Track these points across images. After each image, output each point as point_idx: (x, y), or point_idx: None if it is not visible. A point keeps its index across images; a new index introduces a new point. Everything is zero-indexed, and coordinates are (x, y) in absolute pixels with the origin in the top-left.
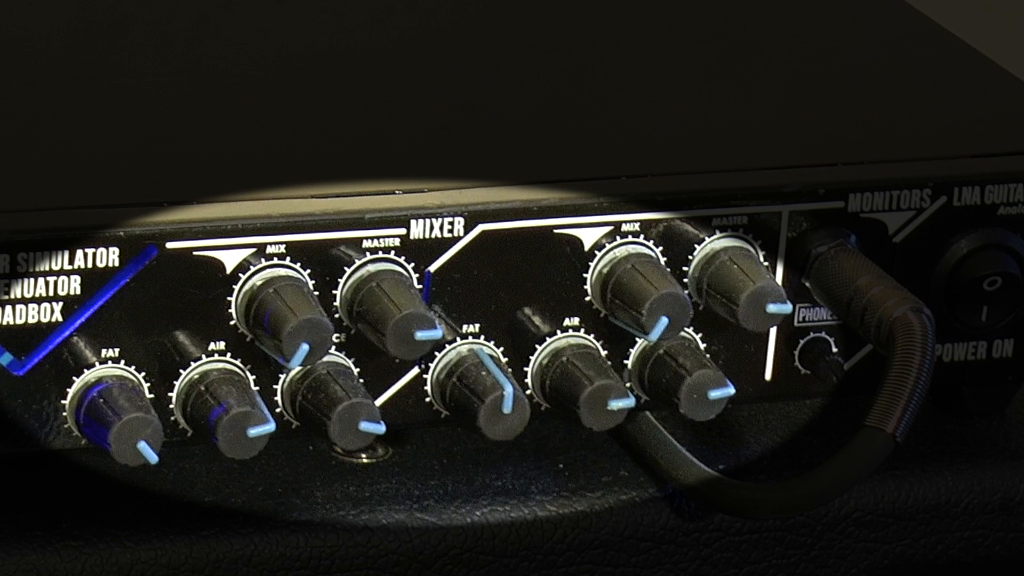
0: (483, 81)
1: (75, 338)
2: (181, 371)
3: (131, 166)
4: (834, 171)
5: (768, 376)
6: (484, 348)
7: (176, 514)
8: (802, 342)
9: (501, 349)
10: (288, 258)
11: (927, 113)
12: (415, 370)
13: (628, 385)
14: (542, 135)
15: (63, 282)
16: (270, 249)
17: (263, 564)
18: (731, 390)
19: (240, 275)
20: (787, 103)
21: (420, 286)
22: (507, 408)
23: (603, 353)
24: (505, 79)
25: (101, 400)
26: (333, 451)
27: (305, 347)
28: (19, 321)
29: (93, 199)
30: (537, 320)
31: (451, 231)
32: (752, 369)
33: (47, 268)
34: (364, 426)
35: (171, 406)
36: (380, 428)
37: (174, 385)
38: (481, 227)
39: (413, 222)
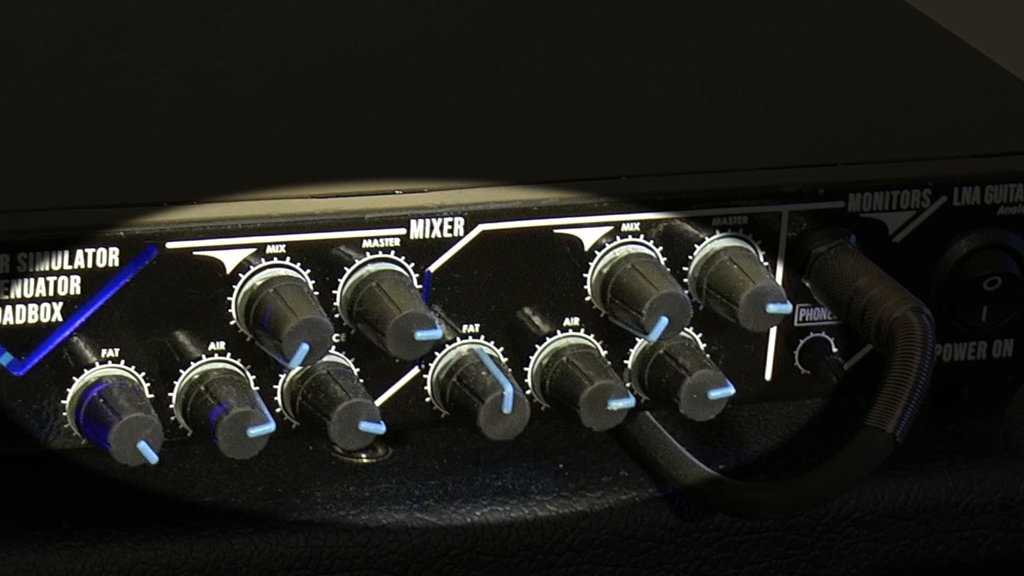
0: (483, 81)
1: (75, 338)
2: (181, 371)
3: (131, 166)
4: (834, 171)
5: (768, 376)
6: (484, 348)
7: (176, 514)
8: (802, 342)
9: (501, 349)
10: (288, 258)
11: (927, 113)
12: (415, 370)
13: (628, 385)
14: (542, 135)
15: (63, 282)
16: (270, 249)
17: (263, 564)
18: (731, 390)
19: (240, 275)
20: (787, 103)
21: (420, 286)
22: (507, 408)
23: (603, 353)
24: (505, 79)
25: (101, 400)
26: (333, 451)
27: (305, 347)
28: (19, 321)
29: (93, 199)
30: (537, 320)
31: (451, 231)
32: (752, 369)
33: (47, 268)
34: (364, 426)
35: (171, 406)
36: (380, 428)
37: (174, 385)
38: (481, 227)
39: (413, 222)
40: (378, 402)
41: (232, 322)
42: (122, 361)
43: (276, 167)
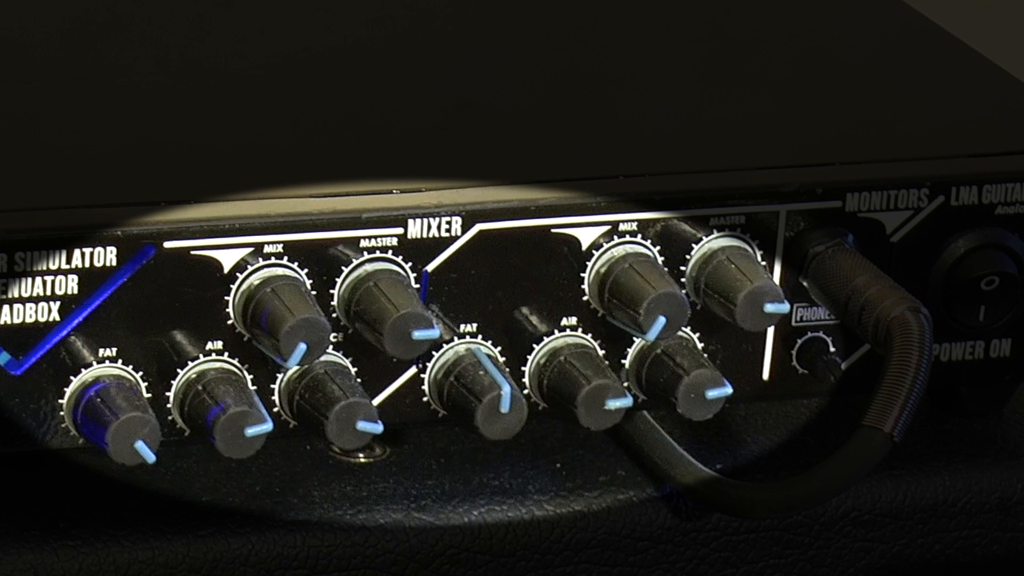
0: (481, 80)
1: (72, 337)
2: (179, 370)
3: (129, 166)
4: (832, 171)
5: (766, 376)
6: (481, 347)
7: (173, 514)
8: (800, 342)
9: (499, 348)
10: (285, 258)
11: (925, 113)
12: (412, 369)
13: (626, 385)
14: (540, 134)
15: (60, 281)
16: (268, 249)
17: (260, 563)
18: (728, 390)
19: (238, 275)
20: (785, 103)
21: (417, 286)
22: (504, 407)
23: (601, 353)
24: (503, 79)
25: (98, 399)
26: (330, 450)
27: (302, 347)
28: (16, 320)
29: (91, 198)
30: (535, 320)
31: (448, 231)
32: (750, 369)
33: (45, 267)
34: (361, 425)
35: (168, 405)
36: (377, 427)
37: (172, 385)
38: (478, 226)
39: (410, 221)
40: (375, 401)
41: (229, 321)
42: (119, 360)
43: (274, 167)
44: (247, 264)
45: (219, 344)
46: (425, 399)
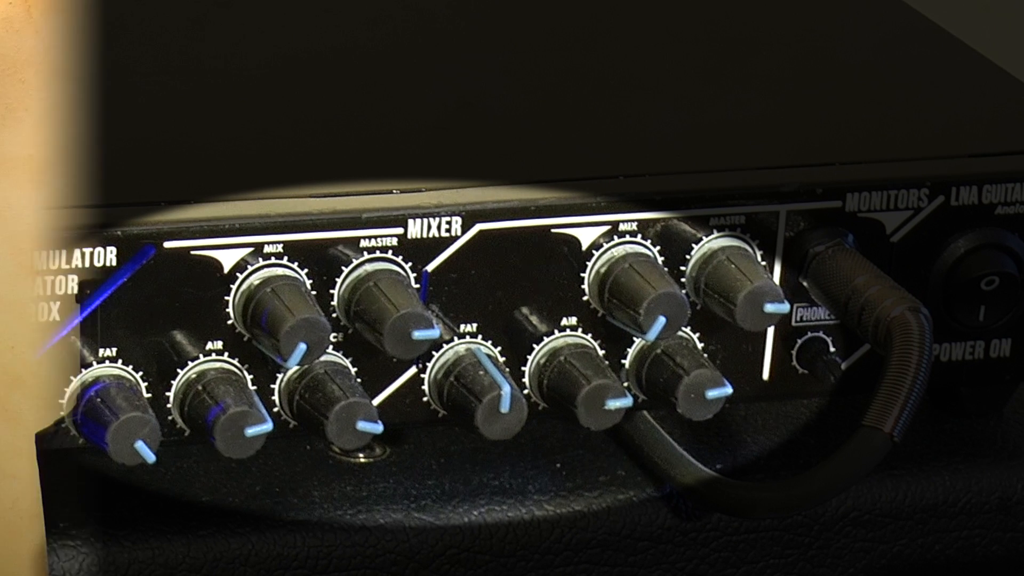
0: (481, 80)
1: (72, 338)
2: (179, 370)
3: (129, 166)
4: (832, 171)
5: (766, 376)
6: (482, 347)
7: (173, 514)
8: (800, 342)
9: (499, 348)
10: (285, 258)
11: (925, 113)
12: (412, 369)
13: (626, 385)
14: (539, 134)
15: (60, 281)
16: (268, 249)
17: (260, 563)
18: (728, 390)
19: (238, 275)
20: (784, 103)
21: (417, 286)
22: (504, 407)
23: (601, 353)
24: (503, 79)
25: (99, 399)
26: (331, 451)
27: (302, 347)
28: None
29: (91, 198)
30: (535, 320)
31: (448, 231)
32: (750, 369)
33: (44, 267)
34: (361, 425)
35: (169, 405)
36: (377, 427)
37: (172, 385)
38: (478, 226)
39: (410, 221)
40: (375, 401)
41: (230, 321)
42: (120, 360)
43: (274, 167)
44: (247, 264)
45: (219, 344)
46: (425, 399)
